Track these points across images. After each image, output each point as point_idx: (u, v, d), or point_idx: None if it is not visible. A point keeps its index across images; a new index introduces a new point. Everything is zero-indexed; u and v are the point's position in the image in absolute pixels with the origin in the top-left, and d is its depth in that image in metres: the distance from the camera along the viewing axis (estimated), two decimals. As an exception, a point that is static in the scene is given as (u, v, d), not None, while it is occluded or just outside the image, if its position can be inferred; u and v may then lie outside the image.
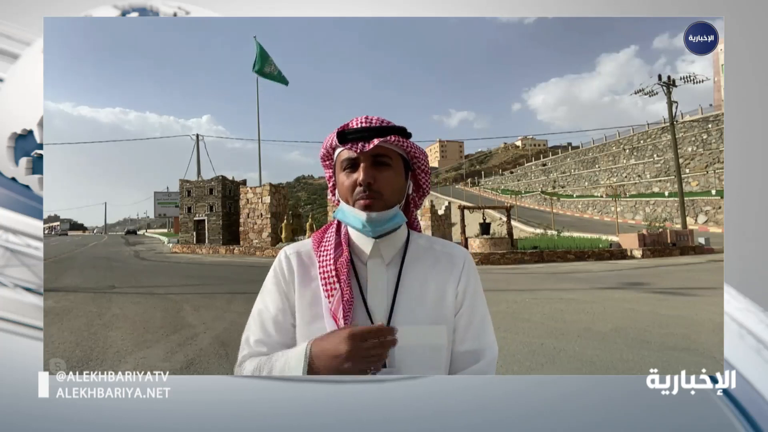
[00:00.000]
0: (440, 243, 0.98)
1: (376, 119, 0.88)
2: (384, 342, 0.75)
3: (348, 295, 0.86)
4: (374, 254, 0.91)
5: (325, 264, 0.89)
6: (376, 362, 0.76)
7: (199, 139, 31.59)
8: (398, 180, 0.89)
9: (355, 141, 0.86)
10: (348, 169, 0.88)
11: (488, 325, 0.95)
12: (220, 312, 6.59)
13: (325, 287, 0.88)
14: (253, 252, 22.18)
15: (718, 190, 29.55)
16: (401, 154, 0.91)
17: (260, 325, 0.93)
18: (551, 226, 25.58)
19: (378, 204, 0.86)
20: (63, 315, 6.46)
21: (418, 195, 0.98)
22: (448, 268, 0.93)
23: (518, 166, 75.53)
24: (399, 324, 0.87)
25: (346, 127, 0.88)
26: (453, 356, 0.92)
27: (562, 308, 6.56)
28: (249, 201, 24.69)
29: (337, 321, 0.85)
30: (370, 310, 0.88)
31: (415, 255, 0.94)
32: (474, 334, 0.93)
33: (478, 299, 0.95)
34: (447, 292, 0.92)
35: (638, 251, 15.86)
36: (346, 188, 0.88)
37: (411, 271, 0.91)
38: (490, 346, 0.94)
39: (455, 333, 0.92)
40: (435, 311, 0.90)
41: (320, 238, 0.95)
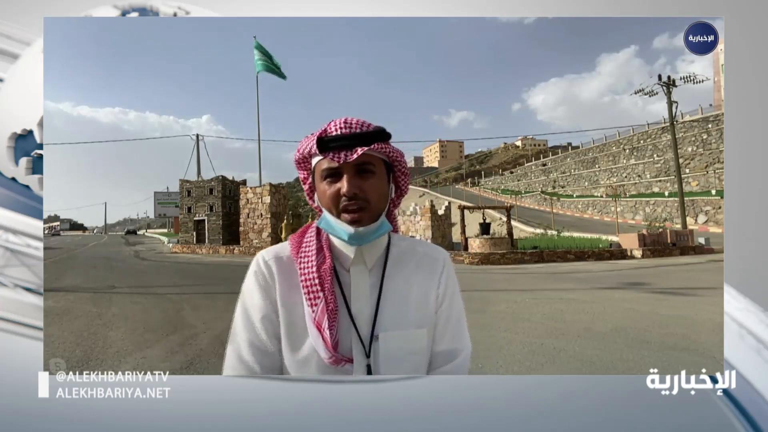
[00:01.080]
0: (421, 245, 0.98)
1: (356, 123, 0.84)
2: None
3: (332, 303, 0.84)
4: (357, 260, 0.89)
5: (307, 272, 0.86)
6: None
7: (199, 139, 31.61)
8: (382, 186, 0.87)
9: (336, 150, 0.82)
10: (329, 179, 0.84)
11: (463, 324, 0.96)
12: (220, 312, 6.59)
13: (309, 296, 0.85)
14: (253, 252, 22.09)
15: (718, 190, 29.54)
16: (382, 157, 0.88)
17: (252, 334, 0.87)
18: (551, 226, 25.57)
19: (365, 216, 0.83)
20: (63, 315, 6.46)
21: (396, 196, 0.96)
22: (429, 270, 0.94)
23: (518, 166, 75.51)
24: (383, 330, 0.87)
25: (324, 133, 0.84)
26: (431, 356, 0.93)
27: (562, 308, 6.56)
28: (249, 201, 24.69)
29: (321, 331, 0.83)
30: (354, 317, 0.87)
31: (396, 259, 0.93)
32: (451, 335, 0.94)
33: (455, 300, 0.96)
34: (429, 295, 0.92)
35: (638, 251, 15.86)
36: (328, 198, 0.84)
37: (393, 276, 0.91)
38: (465, 344, 0.95)
39: (434, 333, 0.93)
40: (417, 314, 0.90)
41: (299, 243, 0.91)
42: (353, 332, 0.86)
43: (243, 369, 0.87)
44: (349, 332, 0.86)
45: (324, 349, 0.84)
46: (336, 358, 0.84)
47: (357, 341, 0.86)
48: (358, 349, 0.86)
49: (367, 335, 0.87)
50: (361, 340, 0.86)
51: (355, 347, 0.86)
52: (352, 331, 0.86)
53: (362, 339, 0.86)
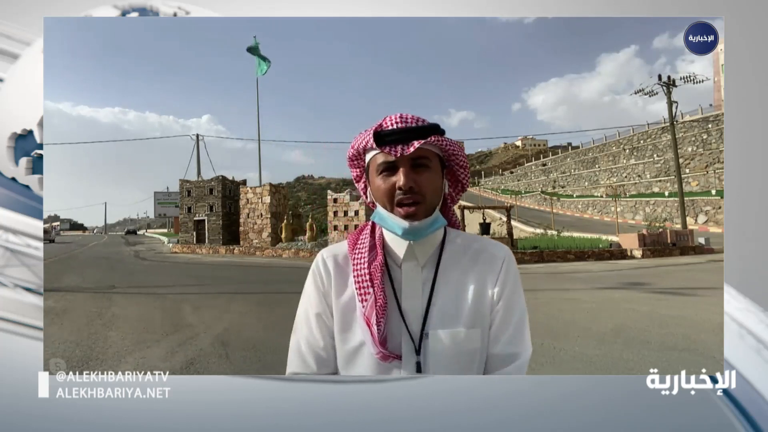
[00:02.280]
0: (479, 241, 0.94)
1: (411, 118, 0.85)
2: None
3: (381, 299, 0.84)
4: (409, 257, 0.88)
5: (359, 268, 0.88)
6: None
7: (199, 139, 31.61)
8: (437, 180, 0.87)
9: (392, 143, 0.82)
10: (385, 173, 0.85)
11: (525, 327, 0.91)
12: (220, 312, 6.59)
13: (359, 292, 0.86)
14: (253, 252, 22.18)
15: (718, 190, 29.54)
16: (437, 152, 0.88)
17: (314, 332, 0.92)
18: (551, 226, 25.57)
19: (420, 209, 0.83)
20: (63, 315, 6.46)
21: (455, 191, 0.96)
22: (486, 268, 0.90)
23: (518, 166, 75.51)
24: (433, 328, 0.85)
25: (380, 127, 0.85)
26: (487, 358, 0.90)
27: (562, 308, 6.56)
28: (249, 201, 24.69)
29: (370, 326, 0.83)
30: (405, 314, 0.86)
31: (451, 256, 0.91)
32: (509, 337, 0.89)
33: (515, 300, 0.91)
34: (484, 294, 0.89)
35: (638, 251, 15.85)
36: (383, 192, 0.85)
37: (447, 273, 0.89)
38: (525, 348, 0.90)
39: (490, 334, 0.89)
40: (472, 314, 0.87)
41: (355, 240, 0.93)
42: (403, 329, 0.86)
43: (299, 361, 0.92)
44: (399, 329, 0.86)
45: (372, 345, 0.84)
46: (384, 354, 0.84)
47: (407, 338, 0.85)
48: (408, 346, 0.85)
49: (417, 332, 0.86)
50: (411, 337, 0.85)
51: (405, 344, 0.85)
52: (402, 327, 0.86)
53: (412, 336, 0.85)
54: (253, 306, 7.53)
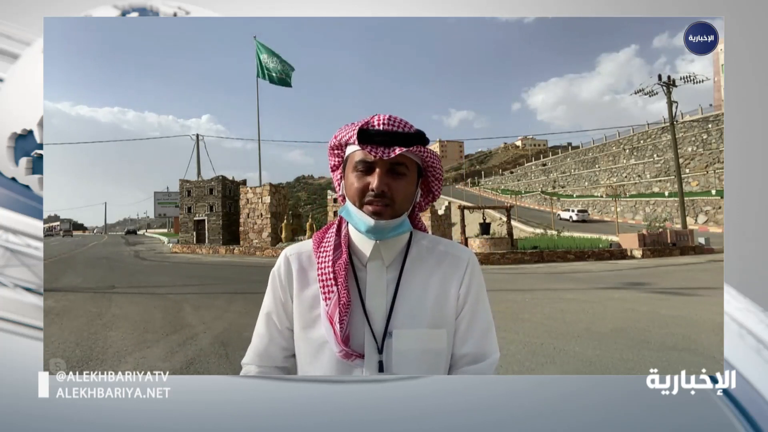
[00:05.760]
0: (444, 243, 0.95)
1: (399, 122, 0.84)
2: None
3: (345, 298, 0.84)
4: (374, 256, 0.89)
5: (323, 266, 0.87)
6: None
7: (199, 139, 31.60)
8: (410, 188, 0.87)
9: (375, 144, 0.82)
10: (361, 171, 0.84)
11: (490, 328, 0.93)
12: (220, 312, 6.59)
13: (323, 290, 0.86)
14: (253, 252, 22.17)
15: (718, 190, 29.54)
16: (416, 161, 0.88)
17: (262, 328, 0.96)
18: (551, 226, 25.58)
19: (388, 212, 0.83)
20: (63, 315, 6.46)
21: (426, 201, 0.96)
22: (451, 269, 0.91)
23: (518, 166, 75.55)
24: (398, 327, 0.85)
25: (367, 125, 0.84)
26: (452, 359, 0.91)
27: (562, 308, 6.56)
28: (249, 201, 24.68)
29: (333, 324, 0.83)
30: (368, 313, 0.86)
31: (416, 257, 0.91)
32: (475, 338, 0.90)
33: (480, 302, 0.92)
34: (449, 295, 0.89)
35: (638, 251, 15.86)
36: (355, 190, 0.84)
37: (412, 274, 0.89)
38: (493, 350, 0.92)
39: (455, 336, 0.90)
40: (436, 314, 0.88)
41: (320, 239, 0.93)
42: (366, 328, 0.86)
43: (250, 354, 0.97)
44: (362, 327, 0.86)
45: (335, 343, 0.84)
46: (346, 352, 0.84)
47: (370, 337, 0.86)
48: (371, 345, 0.85)
49: (380, 332, 0.86)
50: (374, 336, 0.85)
51: (368, 343, 0.86)
52: (365, 326, 0.86)
53: (375, 335, 0.86)
54: (253, 306, 7.52)
